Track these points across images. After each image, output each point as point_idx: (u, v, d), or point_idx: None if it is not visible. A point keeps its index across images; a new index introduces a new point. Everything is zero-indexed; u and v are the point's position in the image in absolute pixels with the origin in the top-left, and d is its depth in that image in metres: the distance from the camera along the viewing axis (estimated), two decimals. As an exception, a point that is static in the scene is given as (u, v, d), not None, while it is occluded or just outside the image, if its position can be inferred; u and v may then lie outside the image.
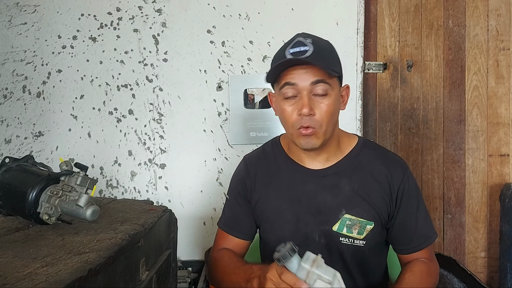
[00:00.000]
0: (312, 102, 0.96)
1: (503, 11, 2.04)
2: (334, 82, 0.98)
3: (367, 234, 1.02)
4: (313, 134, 0.97)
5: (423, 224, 1.05)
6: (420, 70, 2.09)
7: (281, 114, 1.03)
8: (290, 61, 0.95)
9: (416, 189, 1.06)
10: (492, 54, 2.05)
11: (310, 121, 0.96)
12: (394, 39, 2.08)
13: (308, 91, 0.96)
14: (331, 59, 0.98)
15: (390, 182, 1.03)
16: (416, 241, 1.04)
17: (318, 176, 1.05)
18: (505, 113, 2.05)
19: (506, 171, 2.06)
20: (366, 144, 1.10)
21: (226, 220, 1.16)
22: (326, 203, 1.03)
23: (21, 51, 2.04)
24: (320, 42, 0.99)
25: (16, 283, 0.61)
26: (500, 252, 2.01)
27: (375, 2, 2.08)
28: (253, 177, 1.13)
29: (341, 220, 1.02)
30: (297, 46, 0.96)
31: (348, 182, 1.04)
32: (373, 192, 1.03)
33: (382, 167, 1.04)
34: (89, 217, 0.88)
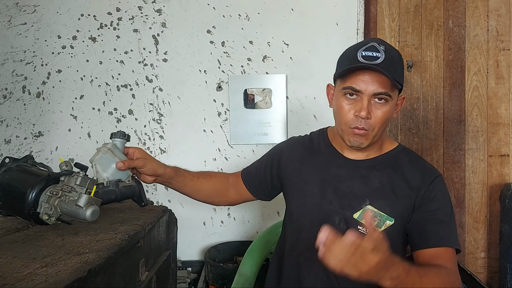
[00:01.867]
0: (371, 106, 1.00)
1: (503, 12, 2.04)
2: (395, 92, 1.02)
3: (386, 229, 1.03)
4: (364, 136, 1.03)
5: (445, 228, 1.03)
6: (420, 70, 2.09)
7: (338, 109, 1.06)
8: (361, 66, 0.98)
9: (445, 195, 1.07)
10: (492, 55, 2.05)
11: (365, 124, 1.01)
12: (394, 39, 2.08)
13: (369, 96, 1.00)
14: (399, 71, 1.02)
15: (419, 185, 1.05)
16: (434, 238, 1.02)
17: (352, 164, 1.11)
18: (505, 113, 2.05)
19: (506, 172, 2.06)
20: (405, 149, 1.16)
21: (249, 170, 1.29)
22: (353, 190, 1.08)
23: (21, 51, 2.04)
24: (392, 51, 1.03)
25: (15, 283, 0.61)
26: (500, 252, 2.01)
27: (375, 3, 2.08)
28: (292, 151, 1.22)
29: (363, 210, 1.05)
30: (370, 50, 0.99)
31: (378, 175, 1.08)
32: (401, 191, 1.05)
33: (414, 170, 1.08)
34: (88, 217, 0.88)
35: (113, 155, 1.04)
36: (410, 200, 1.05)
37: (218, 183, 1.29)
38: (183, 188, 1.22)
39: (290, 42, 2.02)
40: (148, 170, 1.09)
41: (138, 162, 1.07)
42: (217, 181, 1.29)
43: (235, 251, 1.98)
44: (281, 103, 2.03)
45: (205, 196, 1.28)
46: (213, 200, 1.31)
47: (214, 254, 1.95)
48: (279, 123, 2.04)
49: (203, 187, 1.25)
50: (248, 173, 1.29)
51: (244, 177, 1.28)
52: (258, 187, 1.27)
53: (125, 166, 1.04)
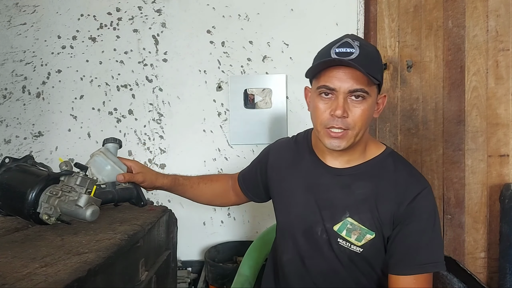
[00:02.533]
0: (347, 104, 0.95)
1: (503, 12, 2.04)
2: (372, 89, 0.97)
3: (366, 242, 1.00)
4: (342, 137, 0.97)
5: (424, 249, 0.97)
6: (419, 70, 2.09)
7: (313, 110, 1.01)
8: (333, 61, 0.94)
9: (429, 212, 0.99)
10: (491, 55, 2.05)
11: (342, 123, 0.95)
12: (394, 39, 2.09)
13: (345, 94, 0.95)
14: (375, 66, 0.96)
15: (402, 197, 0.99)
16: (408, 262, 0.97)
17: (334, 173, 1.06)
18: (505, 113, 2.05)
19: (506, 172, 2.06)
20: (392, 155, 1.07)
21: (244, 172, 1.30)
22: (333, 201, 1.04)
23: (21, 52, 2.04)
24: (368, 47, 0.98)
25: (15, 283, 0.61)
26: (500, 252, 2.01)
27: (374, 3, 2.09)
28: (277, 157, 1.20)
29: (343, 222, 1.02)
30: (344, 47, 0.95)
31: (361, 186, 1.02)
32: (383, 203, 1.00)
33: (399, 180, 1.01)
34: (88, 217, 0.88)
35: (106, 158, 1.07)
36: (391, 215, 0.99)
37: (218, 187, 1.30)
38: (184, 195, 1.26)
39: (290, 42, 2.02)
40: (147, 184, 1.13)
41: (138, 177, 1.10)
42: (218, 185, 1.30)
43: (235, 251, 1.98)
44: (281, 103, 2.03)
45: (207, 200, 1.31)
46: (215, 203, 1.35)
47: (214, 254, 1.95)
48: (279, 123, 2.04)
49: (203, 193, 1.27)
50: (243, 176, 1.29)
51: (240, 180, 1.29)
52: (252, 190, 1.27)
53: (125, 180, 1.07)
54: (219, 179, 1.33)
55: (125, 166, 1.11)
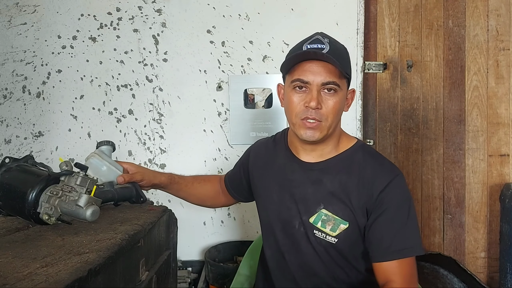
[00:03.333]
0: (321, 97, 1.00)
1: (503, 11, 2.04)
2: (343, 83, 1.02)
3: (340, 232, 1.03)
4: (316, 128, 1.01)
5: (400, 234, 1.00)
6: (420, 70, 2.09)
7: (288, 104, 1.06)
8: (307, 53, 0.99)
9: (401, 199, 1.02)
10: (492, 54, 2.05)
11: (316, 114, 1.00)
12: (394, 39, 2.08)
13: (318, 87, 0.99)
14: (345, 61, 1.02)
15: (372, 187, 1.02)
16: (386, 248, 0.99)
17: (306, 168, 1.10)
18: (505, 113, 2.05)
19: (506, 171, 2.06)
20: (362, 147, 1.10)
21: (229, 174, 1.35)
22: (306, 195, 1.08)
23: (21, 51, 2.04)
24: (337, 44, 1.05)
25: (16, 283, 0.61)
26: (500, 252, 2.01)
27: (375, 2, 2.08)
28: (256, 156, 1.24)
29: (317, 214, 1.05)
30: (315, 43, 1.02)
31: (331, 179, 1.06)
32: (354, 194, 1.03)
33: (369, 171, 1.04)
34: (89, 217, 0.88)
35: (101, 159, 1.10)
36: (363, 204, 1.02)
37: (210, 188, 1.34)
38: (177, 193, 1.29)
39: (290, 42, 2.02)
40: (146, 182, 1.16)
41: (137, 176, 1.14)
42: (210, 185, 1.34)
43: (235, 251, 1.98)
44: (281, 103, 2.03)
45: (198, 200, 1.34)
46: (206, 203, 1.38)
47: (214, 254, 1.95)
48: (279, 123, 2.04)
49: (196, 192, 1.31)
50: (229, 177, 1.34)
51: (226, 182, 1.34)
52: (237, 190, 1.31)
53: (125, 181, 1.10)
54: (211, 180, 1.37)
55: (121, 166, 1.14)
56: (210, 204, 1.39)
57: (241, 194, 1.31)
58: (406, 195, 1.04)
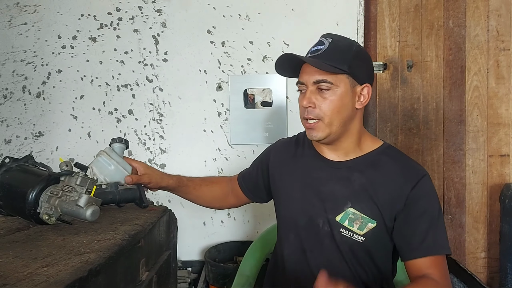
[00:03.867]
0: (315, 95, 1.02)
1: (504, 12, 2.04)
2: (340, 79, 1.02)
3: (368, 231, 1.02)
4: (315, 127, 1.03)
5: (432, 230, 1.00)
6: (420, 70, 2.09)
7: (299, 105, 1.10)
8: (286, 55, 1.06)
9: (431, 196, 1.03)
10: (492, 55, 2.05)
11: (310, 113, 1.02)
12: (394, 39, 2.08)
13: (312, 86, 1.03)
14: (342, 57, 1.01)
15: (402, 184, 1.02)
16: (419, 245, 0.99)
17: (332, 166, 1.10)
18: (506, 113, 2.05)
19: (506, 172, 2.06)
20: (389, 148, 1.11)
21: (244, 173, 1.32)
22: (334, 193, 1.07)
23: (21, 51, 2.04)
24: (340, 41, 1.05)
25: (16, 283, 0.61)
26: (501, 252, 2.01)
27: (375, 3, 2.08)
28: (278, 155, 1.23)
29: (345, 212, 1.04)
30: (317, 45, 1.05)
31: (359, 177, 1.06)
32: (382, 192, 1.03)
33: (397, 170, 1.04)
34: (89, 217, 0.88)
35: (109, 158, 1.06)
36: (392, 202, 1.02)
37: (218, 189, 1.32)
38: (185, 196, 1.28)
39: (290, 42, 2.02)
40: (153, 185, 1.15)
41: (144, 178, 1.12)
42: (218, 187, 1.32)
43: (235, 251, 1.98)
44: (281, 103, 2.03)
45: (206, 202, 1.32)
46: (214, 205, 1.36)
47: (214, 254, 1.95)
48: (279, 123, 2.04)
49: (204, 194, 1.29)
50: (243, 177, 1.31)
51: (240, 181, 1.31)
52: (253, 190, 1.29)
53: (133, 182, 1.09)
54: (219, 182, 1.34)
55: (130, 166, 1.12)
56: (218, 206, 1.37)
57: (257, 194, 1.29)
58: (435, 194, 1.04)
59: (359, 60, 1.05)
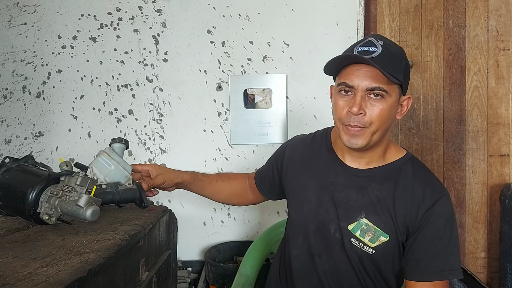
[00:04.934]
0: (365, 102, 0.95)
1: (503, 12, 2.04)
2: (393, 88, 0.96)
3: (379, 244, 1.00)
4: (359, 135, 0.96)
5: (441, 256, 0.97)
6: (420, 70, 2.09)
7: (334, 107, 1.02)
8: (350, 57, 0.95)
9: (446, 219, 0.99)
10: (492, 55, 2.05)
11: (358, 121, 0.95)
12: (394, 39, 2.08)
13: (363, 92, 0.95)
14: (396, 65, 0.95)
15: (419, 203, 0.99)
16: (425, 268, 0.97)
17: (351, 173, 1.06)
18: (505, 113, 2.05)
19: (506, 171, 2.06)
20: (412, 160, 1.07)
21: (260, 171, 1.30)
22: (349, 201, 1.04)
23: (21, 51, 2.04)
24: (392, 46, 0.98)
25: (16, 283, 0.61)
26: (500, 252, 2.01)
27: (375, 3, 2.08)
28: (293, 153, 1.18)
29: (357, 222, 1.02)
30: (367, 46, 0.95)
31: (377, 188, 1.02)
32: (399, 207, 1.00)
33: (417, 186, 1.00)
34: (89, 217, 0.88)
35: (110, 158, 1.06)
36: (407, 219, 0.99)
37: (236, 185, 1.31)
38: (202, 192, 1.26)
39: (290, 42, 2.02)
40: (168, 184, 1.15)
41: (158, 179, 1.12)
42: (236, 183, 1.31)
43: (235, 251, 1.98)
44: (281, 103, 2.03)
45: (224, 198, 1.31)
46: (232, 201, 1.34)
47: (214, 254, 1.95)
48: (279, 123, 2.04)
49: (222, 189, 1.28)
50: (259, 174, 1.29)
51: (257, 179, 1.29)
52: (268, 188, 1.27)
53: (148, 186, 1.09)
54: (237, 178, 1.33)
55: (130, 166, 1.12)
56: (237, 202, 1.34)
57: (272, 191, 1.26)
58: (451, 216, 1.00)
59: (408, 70, 1.00)
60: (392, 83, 0.95)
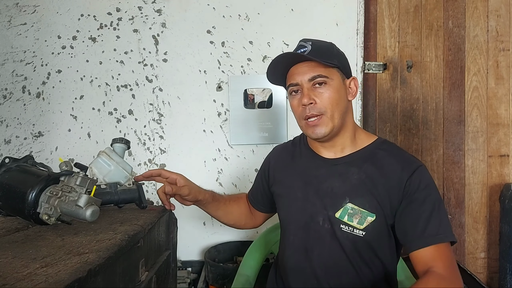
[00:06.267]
0: (313, 92, 1.04)
1: (503, 12, 2.04)
2: (332, 72, 1.05)
3: (368, 225, 1.03)
4: (319, 124, 1.04)
5: (432, 219, 0.99)
6: (420, 70, 2.09)
7: (292, 109, 1.11)
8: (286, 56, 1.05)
9: (426, 184, 1.02)
10: (492, 55, 2.05)
11: (313, 110, 1.04)
12: (394, 39, 2.09)
13: (307, 84, 1.05)
14: (327, 53, 1.05)
15: (399, 177, 1.03)
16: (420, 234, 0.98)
17: (330, 164, 1.12)
18: (505, 113, 2.05)
19: (506, 172, 2.06)
20: (385, 142, 1.13)
21: (251, 191, 1.35)
22: (333, 189, 1.08)
23: (21, 52, 2.04)
24: (320, 42, 1.08)
25: (15, 283, 0.61)
26: (500, 252, 2.01)
27: (375, 3, 2.09)
28: (276, 161, 1.25)
29: (344, 208, 1.05)
30: (299, 48, 1.06)
31: (356, 171, 1.07)
32: (380, 185, 1.04)
33: (393, 162, 1.05)
34: (88, 217, 0.88)
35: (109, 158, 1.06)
36: (390, 194, 1.03)
37: (244, 204, 1.35)
38: (215, 212, 1.28)
39: (290, 42, 2.02)
40: (191, 197, 1.16)
41: (184, 190, 1.14)
42: (243, 202, 1.35)
43: (235, 251, 1.98)
44: (281, 103, 2.03)
45: (234, 219, 1.33)
46: (240, 223, 1.36)
47: (214, 254, 1.95)
48: (279, 123, 2.04)
49: (233, 210, 1.31)
50: (251, 192, 1.34)
51: (250, 197, 1.33)
52: (262, 201, 1.30)
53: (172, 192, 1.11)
54: (242, 197, 1.37)
55: (130, 167, 1.13)
56: (243, 223, 1.36)
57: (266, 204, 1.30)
58: (431, 182, 1.04)
59: (341, 56, 1.10)
60: (329, 67, 1.04)
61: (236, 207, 1.32)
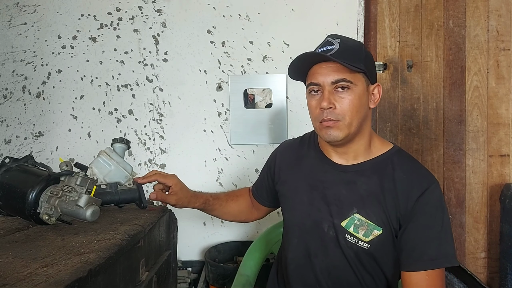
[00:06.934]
0: (334, 96, 0.99)
1: (504, 12, 2.04)
2: (357, 78, 1.00)
3: (373, 238, 1.00)
4: (335, 127, 0.99)
5: (434, 243, 0.96)
6: (420, 70, 2.09)
7: (308, 109, 1.06)
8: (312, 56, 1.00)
9: (437, 207, 0.98)
10: (492, 55, 2.05)
11: (330, 115, 0.99)
12: (394, 39, 2.08)
13: (329, 87, 0.99)
14: (356, 56, 0.99)
15: (409, 193, 0.99)
16: (418, 257, 0.96)
17: (339, 170, 1.07)
18: (506, 113, 2.05)
19: (507, 172, 2.06)
20: (399, 152, 1.07)
21: (256, 184, 1.32)
22: (340, 197, 1.04)
23: (21, 51, 2.04)
24: (349, 41, 1.03)
25: (16, 283, 0.61)
26: (501, 252, 2.01)
27: (375, 3, 2.08)
28: (283, 157, 1.21)
29: (350, 218, 1.02)
30: (326, 45, 1.01)
31: (366, 182, 1.03)
32: (389, 199, 1.00)
33: (405, 176, 1.01)
34: (89, 217, 0.88)
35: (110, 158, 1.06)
36: (398, 210, 0.99)
37: (243, 202, 1.33)
38: (211, 213, 1.29)
39: (290, 42, 2.02)
40: (179, 206, 1.17)
41: (171, 199, 1.13)
42: (243, 200, 1.33)
43: (235, 251, 1.98)
44: (281, 103, 2.03)
45: (233, 217, 1.33)
46: (240, 219, 1.35)
47: (214, 254, 1.95)
48: (279, 123, 2.04)
49: (231, 209, 1.30)
50: (255, 186, 1.32)
51: (254, 192, 1.31)
52: (266, 197, 1.29)
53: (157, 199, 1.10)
54: (243, 194, 1.35)
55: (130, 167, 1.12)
56: (244, 219, 1.35)
57: (271, 199, 1.28)
58: (441, 203, 1.00)
59: (369, 59, 1.04)
60: (355, 72, 0.98)
61: (235, 206, 1.31)
